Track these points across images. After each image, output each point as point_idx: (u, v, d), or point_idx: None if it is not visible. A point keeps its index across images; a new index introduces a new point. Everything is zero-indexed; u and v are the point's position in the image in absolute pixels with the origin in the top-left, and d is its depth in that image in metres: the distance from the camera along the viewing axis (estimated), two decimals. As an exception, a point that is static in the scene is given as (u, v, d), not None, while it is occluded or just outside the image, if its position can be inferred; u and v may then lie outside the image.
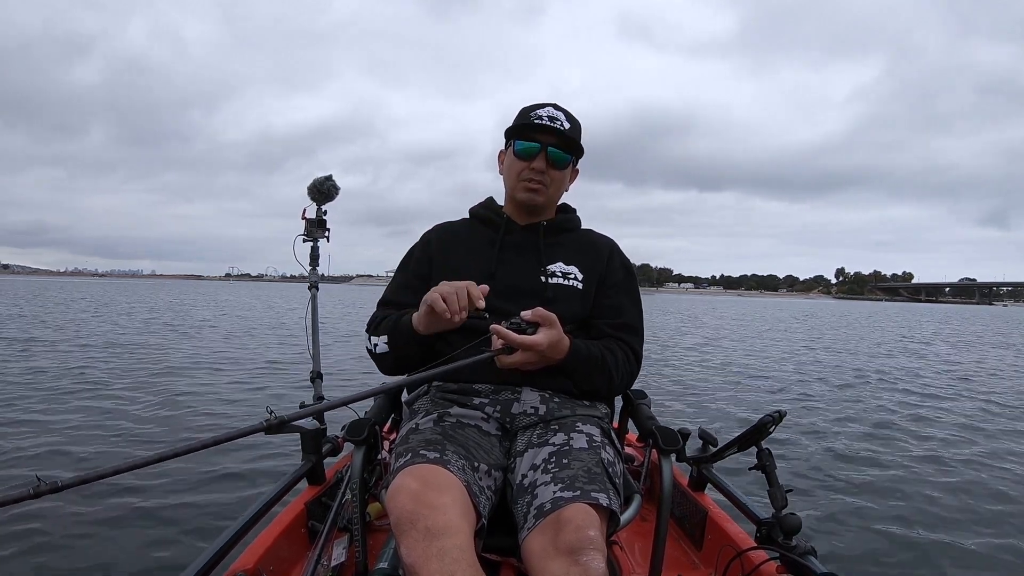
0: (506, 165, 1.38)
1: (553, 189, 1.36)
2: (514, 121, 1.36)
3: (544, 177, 1.32)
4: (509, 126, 1.36)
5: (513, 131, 1.35)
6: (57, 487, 0.71)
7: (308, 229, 2.03)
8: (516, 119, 1.36)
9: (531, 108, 1.35)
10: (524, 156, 1.32)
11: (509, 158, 1.37)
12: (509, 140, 1.36)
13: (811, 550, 1.21)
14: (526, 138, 1.32)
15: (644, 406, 1.51)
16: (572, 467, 1.08)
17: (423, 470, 1.02)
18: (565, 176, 1.38)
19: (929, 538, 2.67)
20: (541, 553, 0.96)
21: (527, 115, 1.34)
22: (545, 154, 1.31)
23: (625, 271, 1.42)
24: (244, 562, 1.23)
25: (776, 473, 1.30)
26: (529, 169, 1.32)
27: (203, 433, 3.97)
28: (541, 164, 1.31)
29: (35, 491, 0.70)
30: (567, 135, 1.32)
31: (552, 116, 1.32)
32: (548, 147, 1.31)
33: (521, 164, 1.33)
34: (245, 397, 5.32)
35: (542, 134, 1.31)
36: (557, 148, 1.31)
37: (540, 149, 1.31)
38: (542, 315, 1.13)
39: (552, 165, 1.32)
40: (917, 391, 6.89)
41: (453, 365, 1.05)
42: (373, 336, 1.30)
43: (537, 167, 1.31)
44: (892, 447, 4.24)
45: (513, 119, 1.37)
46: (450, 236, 1.42)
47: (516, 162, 1.34)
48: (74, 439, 3.71)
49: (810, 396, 6.33)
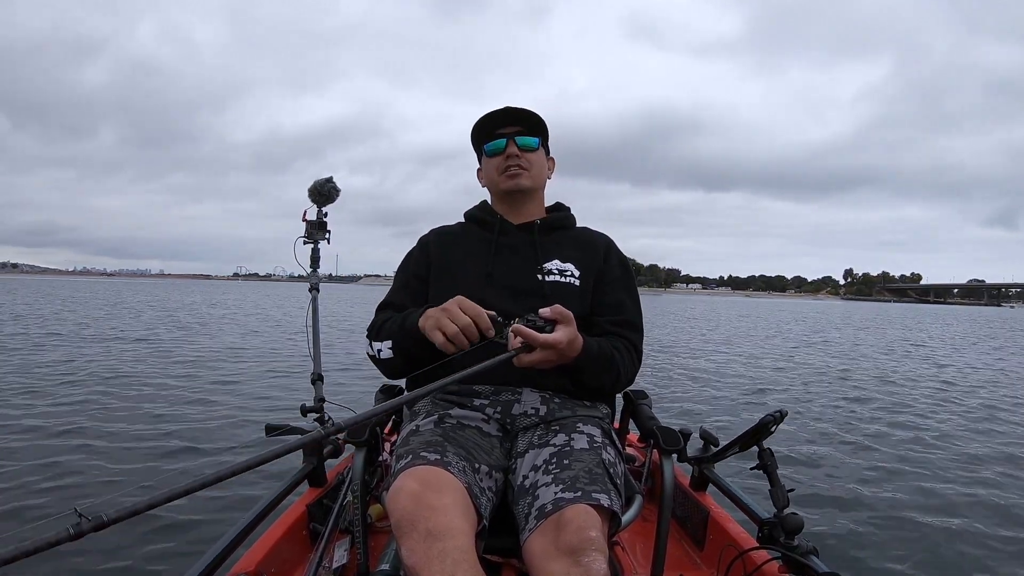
0: (485, 170, 1.44)
1: (535, 171, 1.39)
2: (472, 131, 1.42)
3: (522, 160, 1.37)
4: (471, 137, 1.43)
5: (477, 138, 1.42)
6: (103, 523, 0.59)
7: (309, 231, 2.02)
8: (473, 129, 1.42)
9: (483, 115, 1.41)
10: (495, 152, 1.38)
11: (484, 163, 1.43)
12: (479, 150, 1.43)
13: (813, 550, 1.21)
14: (492, 137, 1.38)
15: (645, 406, 1.50)
16: (573, 468, 1.08)
17: (424, 472, 1.02)
18: (541, 159, 1.42)
19: (931, 537, 2.67)
20: (542, 554, 0.96)
21: (482, 119, 1.40)
22: (513, 142, 1.36)
23: (622, 267, 1.43)
24: (246, 564, 1.23)
25: (778, 473, 1.30)
26: (504, 159, 1.37)
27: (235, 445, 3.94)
28: (513, 150, 1.36)
29: (75, 531, 0.58)
30: (525, 118, 1.37)
31: (505, 107, 1.38)
32: (514, 136, 1.36)
33: (496, 160, 1.38)
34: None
35: (504, 128, 1.37)
36: (521, 135, 1.37)
37: (507, 140, 1.36)
38: (560, 312, 1.11)
39: (523, 149, 1.37)
40: (918, 392, 6.88)
41: (473, 370, 0.98)
42: (375, 342, 1.28)
43: (510, 153, 1.36)
44: (893, 447, 4.23)
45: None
46: (447, 238, 1.43)
47: (490, 161, 1.40)
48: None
49: (811, 396, 6.32)
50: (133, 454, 3.51)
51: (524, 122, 1.37)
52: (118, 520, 0.61)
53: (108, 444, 3.69)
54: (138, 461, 3.36)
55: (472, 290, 1.31)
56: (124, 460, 3.38)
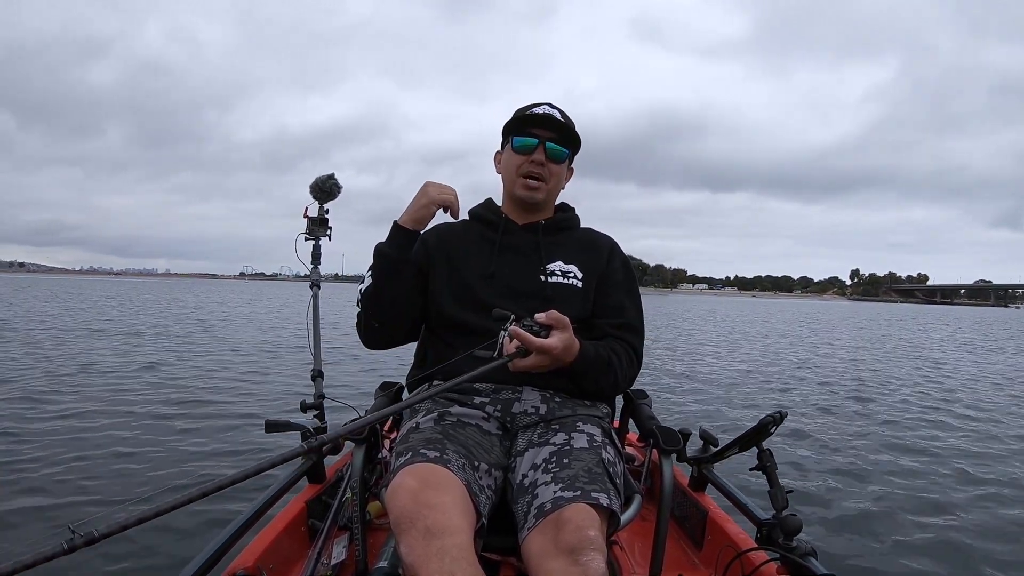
0: (504, 162, 1.40)
1: (552, 184, 1.37)
2: (510, 119, 1.38)
3: (543, 171, 1.33)
4: (506, 123, 1.38)
5: (510, 128, 1.36)
6: (94, 538, 0.64)
7: (310, 228, 2.02)
8: (512, 117, 1.38)
9: (527, 107, 1.38)
10: (523, 151, 1.34)
11: (507, 154, 1.38)
12: (507, 138, 1.38)
13: (812, 551, 1.20)
14: (524, 133, 1.34)
15: (645, 406, 1.50)
16: (572, 467, 1.08)
17: (423, 469, 1.02)
18: (562, 171, 1.39)
19: (931, 539, 2.66)
20: (541, 553, 0.96)
21: (523, 112, 1.36)
22: (543, 148, 1.32)
23: (625, 270, 1.42)
24: (244, 560, 1.23)
25: (777, 474, 1.29)
26: (528, 163, 1.33)
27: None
28: (540, 157, 1.33)
29: (69, 545, 0.63)
30: (564, 128, 1.34)
31: (548, 112, 1.35)
32: (546, 141, 1.32)
33: (520, 159, 1.34)
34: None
35: (539, 129, 1.33)
36: (554, 143, 1.33)
37: (538, 143, 1.32)
38: (556, 318, 1.12)
39: (550, 158, 1.33)
40: (920, 393, 6.87)
41: (469, 376, 1.00)
42: (360, 285, 1.34)
43: (536, 160, 1.33)
44: (895, 447, 4.23)
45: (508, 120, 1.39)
46: (449, 236, 1.42)
47: (514, 157, 1.35)
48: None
49: (813, 396, 6.32)
50: (134, 454, 3.51)
51: (561, 130, 1.34)
52: (108, 535, 0.66)
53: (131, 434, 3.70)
54: (139, 461, 3.36)
55: (473, 288, 1.30)
56: (124, 460, 3.38)
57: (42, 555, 0.62)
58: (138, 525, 0.68)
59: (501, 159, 1.41)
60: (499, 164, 1.42)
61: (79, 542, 0.63)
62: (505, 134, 1.38)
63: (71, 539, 0.63)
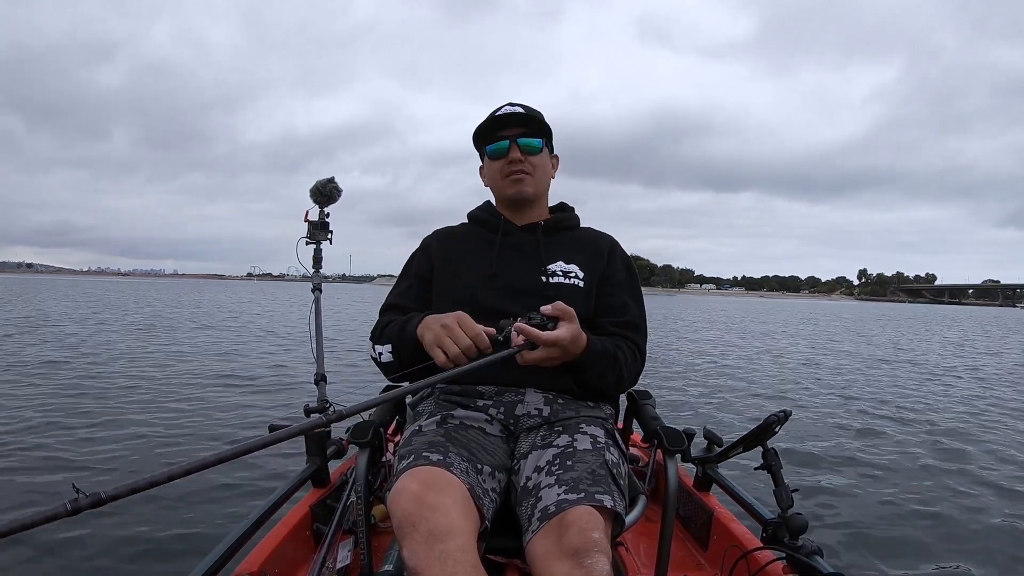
0: (487, 173, 1.42)
1: (538, 175, 1.37)
2: (476, 130, 1.39)
3: (524, 165, 1.34)
4: (474, 136, 1.40)
5: (480, 138, 1.39)
6: (100, 500, 0.60)
7: (311, 231, 2.03)
8: (476, 128, 1.39)
9: (489, 114, 1.39)
10: (497, 155, 1.36)
11: (486, 165, 1.41)
12: (481, 150, 1.41)
13: (817, 550, 1.20)
14: (494, 139, 1.36)
15: (649, 406, 1.50)
16: (576, 469, 1.08)
17: (425, 472, 1.02)
18: (544, 161, 1.39)
19: (935, 537, 2.65)
20: (545, 555, 0.96)
21: (487, 120, 1.37)
22: (516, 145, 1.34)
23: (627, 268, 1.42)
24: (249, 564, 1.23)
25: (782, 473, 1.29)
26: (507, 164, 1.34)
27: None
28: (516, 155, 1.34)
29: (72, 506, 0.59)
30: (529, 120, 1.35)
31: (510, 111, 1.36)
32: (517, 138, 1.34)
33: (498, 163, 1.36)
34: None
35: (506, 129, 1.35)
36: (525, 136, 1.34)
37: (510, 143, 1.34)
38: (561, 309, 1.10)
39: (525, 152, 1.34)
40: (921, 394, 6.83)
41: (473, 364, 1.00)
42: (377, 345, 1.28)
43: (513, 158, 1.34)
44: (900, 448, 4.21)
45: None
46: (450, 239, 1.43)
47: (493, 164, 1.37)
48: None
49: (815, 396, 6.29)
50: (132, 454, 3.53)
51: (527, 123, 1.35)
52: (116, 497, 0.61)
53: (111, 432, 3.72)
54: (136, 461, 3.38)
55: (475, 291, 1.30)
56: (123, 459, 3.40)
57: (43, 515, 0.57)
58: (149, 488, 0.64)
59: (484, 172, 1.43)
60: (484, 178, 1.44)
61: (84, 503, 0.59)
62: (478, 147, 1.41)
63: (75, 499, 0.59)
